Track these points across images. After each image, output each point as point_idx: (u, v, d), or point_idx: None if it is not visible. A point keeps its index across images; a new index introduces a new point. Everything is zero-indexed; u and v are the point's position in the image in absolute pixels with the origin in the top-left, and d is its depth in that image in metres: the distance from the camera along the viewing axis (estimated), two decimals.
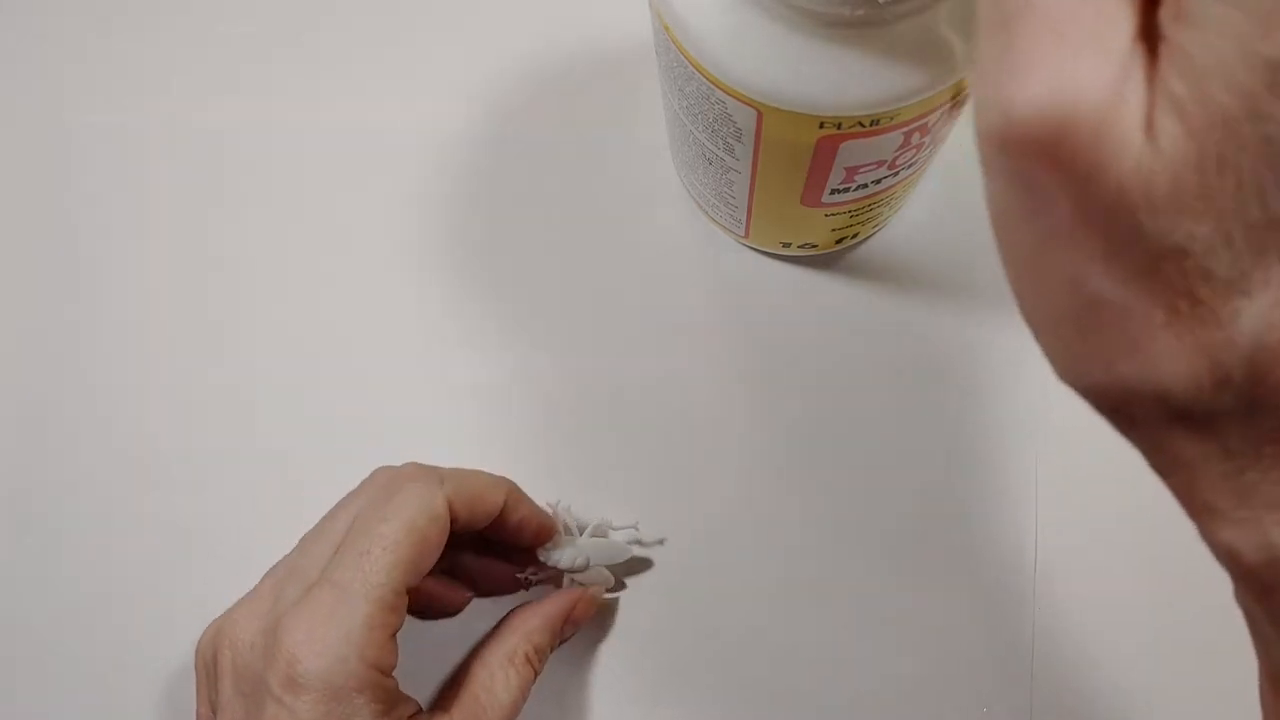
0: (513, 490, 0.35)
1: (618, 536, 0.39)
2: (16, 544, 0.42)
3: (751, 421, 0.42)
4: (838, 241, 0.41)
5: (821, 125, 0.29)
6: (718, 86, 0.29)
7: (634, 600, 0.41)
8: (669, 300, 0.43)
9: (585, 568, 0.38)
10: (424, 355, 0.43)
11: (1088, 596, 0.41)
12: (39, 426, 0.43)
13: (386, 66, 0.46)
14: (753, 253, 0.43)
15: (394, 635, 0.28)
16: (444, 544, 0.30)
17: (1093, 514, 0.41)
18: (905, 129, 0.30)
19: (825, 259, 0.43)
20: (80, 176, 0.45)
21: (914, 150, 0.32)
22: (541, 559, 0.37)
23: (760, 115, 0.29)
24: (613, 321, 0.43)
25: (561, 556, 0.37)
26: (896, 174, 0.34)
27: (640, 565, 0.41)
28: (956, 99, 0.30)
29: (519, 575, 0.38)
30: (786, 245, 0.41)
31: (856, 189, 0.34)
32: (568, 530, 0.38)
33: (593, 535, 0.38)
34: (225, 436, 0.43)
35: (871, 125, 0.29)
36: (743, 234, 0.41)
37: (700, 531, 0.41)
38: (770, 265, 0.43)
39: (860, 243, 0.43)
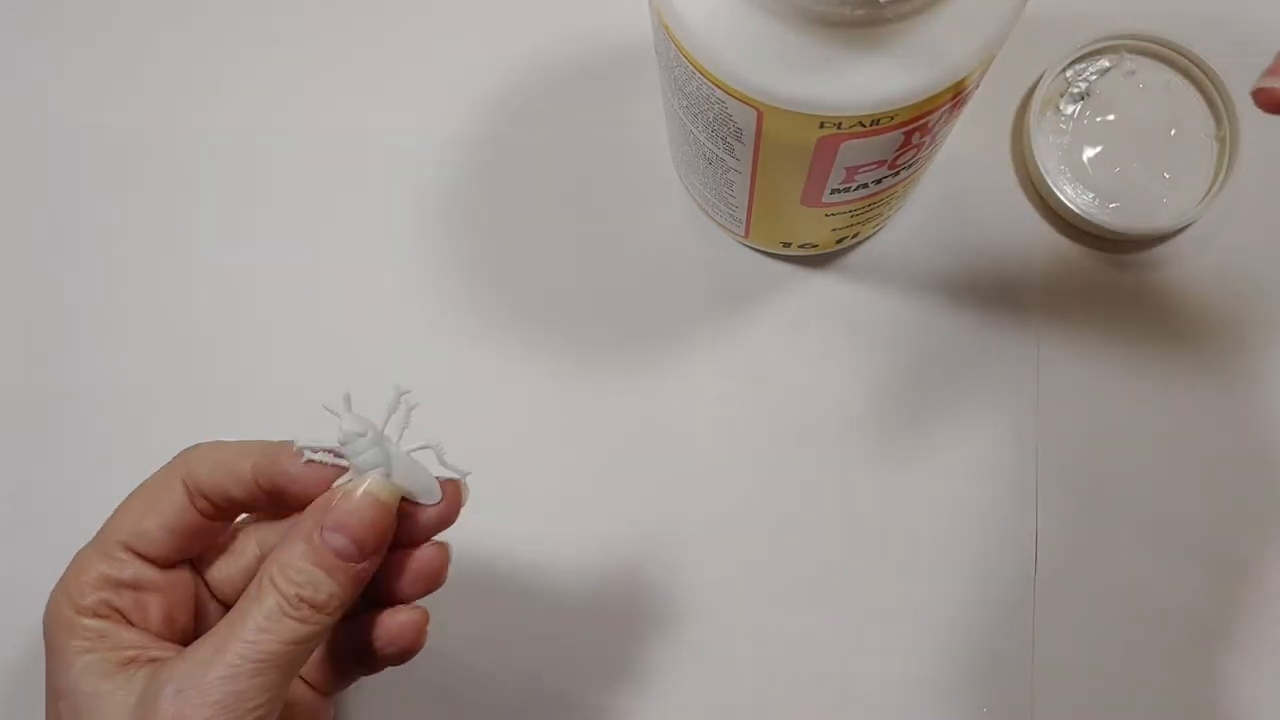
0: (274, 452, 0.29)
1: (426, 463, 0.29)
2: (17, 543, 0.42)
3: (750, 420, 0.42)
4: (838, 241, 0.41)
5: (822, 125, 0.29)
6: (718, 86, 0.29)
7: (637, 597, 0.41)
8: (669, 300, 0.43)
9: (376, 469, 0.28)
10: (423, 354, 0.43)
11: (1088, 596, 0.41)
12: (40, 425, 0.43)
13: (386, 67, 0.46)
14: (753, 252, 0.43)
15: (109, 583, 0.29)
16: (184, 504, 0.29)
17: (1092, 514, 0.41)
18: (905, 129, 0.30)
19: (825, 259, 0.43)
20: (80, 176, 0.45)
21: (914, 150, 0.32)
22: (339, 441, 0.28)
23: (760, 115, 0.29)
24: (612, 321, 0.43)
25: (359, 445, 0.28)
26: (897, 174, 0.34)
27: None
28: (957, 99, 0.30)
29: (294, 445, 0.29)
30: (787, 245, 0.41)
31: (857, 189, 0.34)
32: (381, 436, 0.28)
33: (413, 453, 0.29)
34: (221, 432, 0.43)
35: (872, 125, 0.29)
36: (743, 234, 0.41)
37: (698, 529, 0.41)
38: (770, 265, 0.43)
39: (861, 242, 0.43)
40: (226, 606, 0.32)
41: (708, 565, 0.41)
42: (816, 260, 0.43)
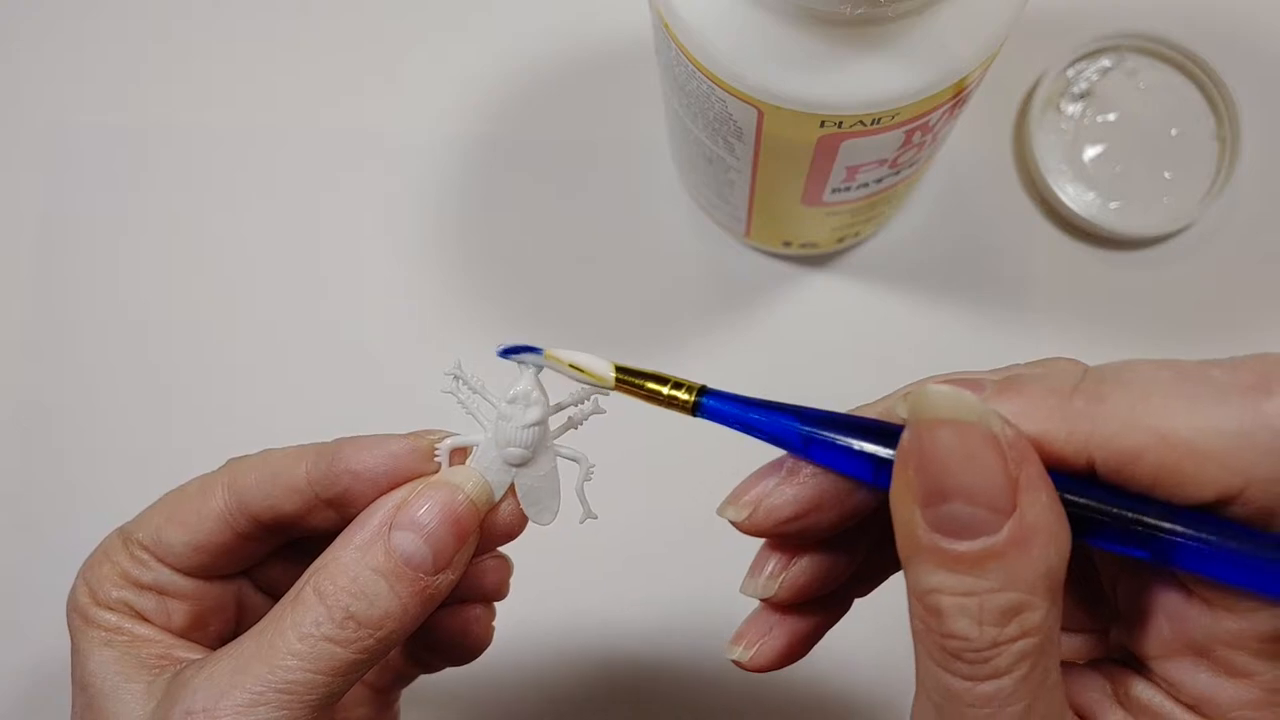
0: (334, 448, 0.24)
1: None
2: (18, 543, 0.42)
3: None
4: (839, 241, 0.41)
5: (822, 124, 0.29)
6: (718, 85, 0.29)
7: (636, 599, 0.41)
8: (669, 299, 0.43)
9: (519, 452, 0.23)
10: (420, 354, 0.43)
11: None
12: (40, 425, 0.43)
13: (385, 66, 0.46)
14: (753, 252, 0.43)
15: (130, 581, 0.25)
16: (218, 521, 0.25)
17: None
18: (906, 128, 0.30)
19: (826, 259, 0.43)
20: (80, 176, 0.45)
21: (915, 149, 0.32)
22: (505, 399, 0.24)
23: (761, 114, 0.29)
24: (613, 321, 0.43)
25: (515, 416, 0.24)
26: (898, 173, 0.34)
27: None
28: (958, 98, 0.30)
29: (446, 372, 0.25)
30: (787, 245, 0.41)
31: (858, 188, 0.34)
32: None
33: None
34: (223, 434, 0.43)
35: (872, 124, 0.29)
36: (743, 233, 0.41)
37: (697, 529, 0.41)
38: (771, 264, 0.43)
39: (861, 242, 0.43)
40: None
41: (708, 566, 0.41)
42: (817, 260, 0.43)
